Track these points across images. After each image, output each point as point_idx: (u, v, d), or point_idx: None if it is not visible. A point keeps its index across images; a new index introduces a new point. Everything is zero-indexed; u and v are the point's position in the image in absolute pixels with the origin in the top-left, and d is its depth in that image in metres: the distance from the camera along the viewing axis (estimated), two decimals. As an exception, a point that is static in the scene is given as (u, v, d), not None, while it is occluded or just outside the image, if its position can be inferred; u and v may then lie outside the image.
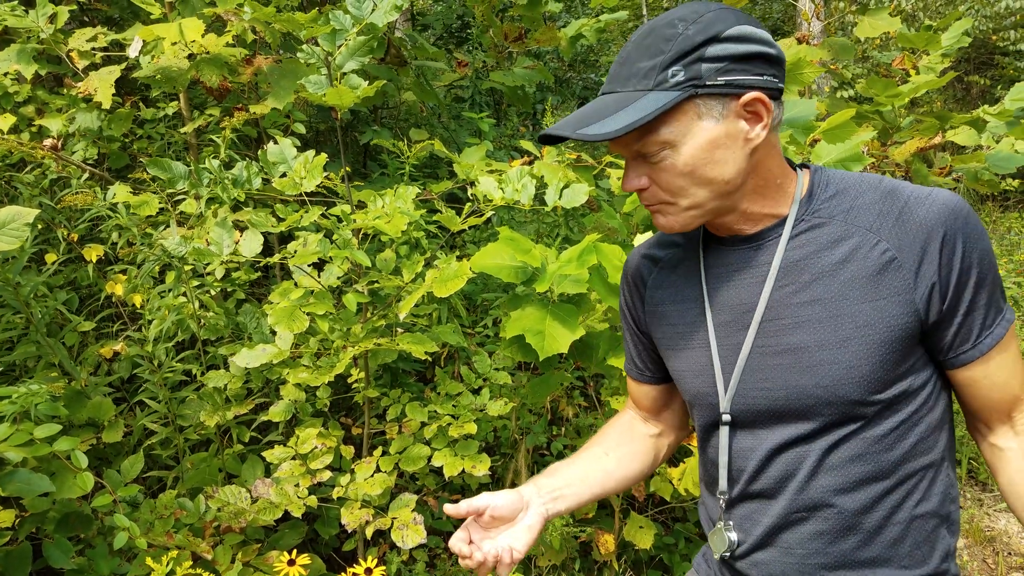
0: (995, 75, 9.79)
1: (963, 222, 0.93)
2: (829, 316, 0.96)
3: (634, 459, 1.27)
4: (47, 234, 2.51)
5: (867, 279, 0.94)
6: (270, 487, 1.94)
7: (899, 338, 0.94)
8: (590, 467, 1.22)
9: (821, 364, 0.96)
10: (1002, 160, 2.84)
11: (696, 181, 0.95)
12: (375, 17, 1.84)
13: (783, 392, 1.00)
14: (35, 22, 2.47)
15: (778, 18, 10.92)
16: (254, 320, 2.25)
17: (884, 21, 3.31)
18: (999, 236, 6.98)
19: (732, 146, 0.94)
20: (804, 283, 0.98)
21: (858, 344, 0.94)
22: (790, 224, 1.00)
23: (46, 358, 2.19)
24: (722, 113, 0.92)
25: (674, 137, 0.93)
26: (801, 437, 1.00)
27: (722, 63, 0.90)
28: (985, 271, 0.94)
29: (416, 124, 4.02)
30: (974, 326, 0.96)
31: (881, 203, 0.96)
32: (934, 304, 0.93)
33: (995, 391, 0.99)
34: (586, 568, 2.48)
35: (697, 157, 0.93)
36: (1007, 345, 0.98)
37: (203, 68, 2.04)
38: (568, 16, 7.49)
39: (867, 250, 0.95)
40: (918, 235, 0.93)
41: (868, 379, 0.95)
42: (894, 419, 0.97)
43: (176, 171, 1.80)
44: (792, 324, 0.99)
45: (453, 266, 1.80)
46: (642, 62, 0.92)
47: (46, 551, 1.66)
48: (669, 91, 0.90)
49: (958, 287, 0.93)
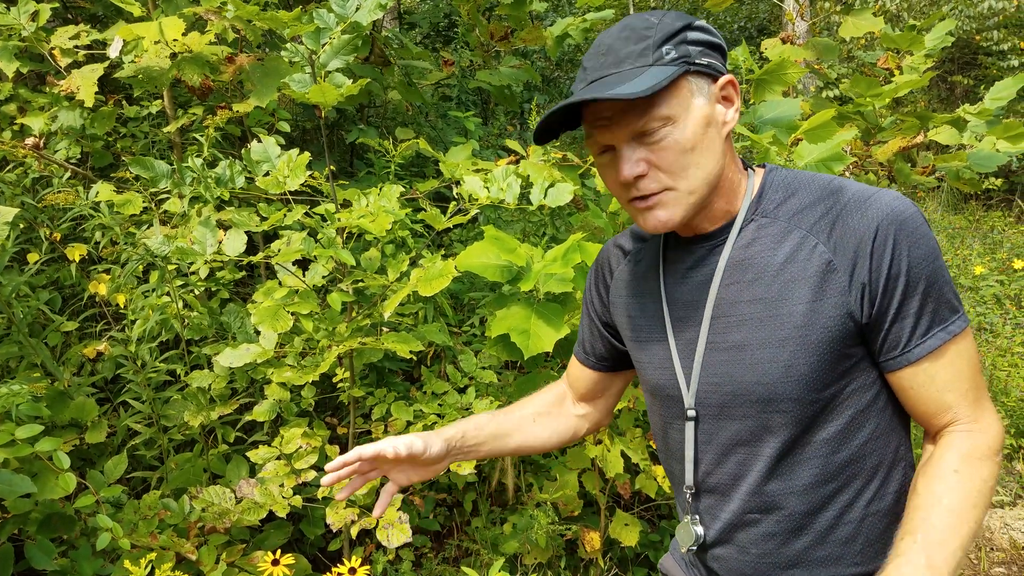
0: (979, 75, 9.88)
1: (897, 227, 0.92)
2: (769, 316, 0.98)
3: (554, 433, 1.32)
4: (29, 233, 2.49)
5: (806, 280, 0.95)
6: (254, 487, 1.94)
7: (836, 339, 0.95)
8: (516, 430, 1.28)
9: (761, 362, 0.98)
10: (983, 159, 2.87)
11: (695, 159, 0.96)
12: (359, 16, 1.84)
13: (730, 388, 1.02)
14: (17, 19, 2.45)
15: (764, 18, 10.97)
16: (238, 320, 2.24)
17: (868, 21, 3.34)
18: (982, 235, 7.04)
19: (717, 127, 0.97)
20: (748, 282, 1.00)
21: (796, 344, 0.96)
22: (739, 223, 1.02)
23: (28, 358, 2.17)
24: (708, 93, 0.96)
25: (674, 112, 0.94)
26: (749, 435, 1.02)
27: (700, 47, 0.95)
28: (917, 278, 0.92)
29: (403, 123, 4.01)
30: (903, 333, 0.94)
31: (824, 204, 0.97)
32: (865, 307, 0.94)
33: (921, 404, 0.98)
34: (572, 566, 2.49)
35: (696, 132, 0.95)
36: (944, 358, 0.95)
37: (185, 67, 2.03)
38: (554, 15, 7.49)
39: (807, 252, 0.96)
40: (852, 238, 0.93)
41: (807, 378, 0.96)
42: (839, 420, 0.98)
43: (159, 170, 1.79)
44: (736, 322, 1.01)
45: (438, 265, 1.80)
46: (629, 47, 0.94)
47: (28, 552, 1.65)
48: (667, 66, 0.92)
49: (886, 292, 0.93)
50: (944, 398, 0.96)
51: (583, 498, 2.50)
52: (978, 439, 0.95)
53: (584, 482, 2.41)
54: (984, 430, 0.96)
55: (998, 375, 4.02)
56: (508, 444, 1.26)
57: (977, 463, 0.94)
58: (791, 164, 2.23)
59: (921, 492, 0.94)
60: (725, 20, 11.08)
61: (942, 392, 0.96)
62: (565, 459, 2.43)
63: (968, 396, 0.96)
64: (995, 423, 0.97)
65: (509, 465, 2.49)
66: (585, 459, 2.38)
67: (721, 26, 11.00)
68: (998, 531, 3.20)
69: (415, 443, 1.11)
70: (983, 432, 0.96)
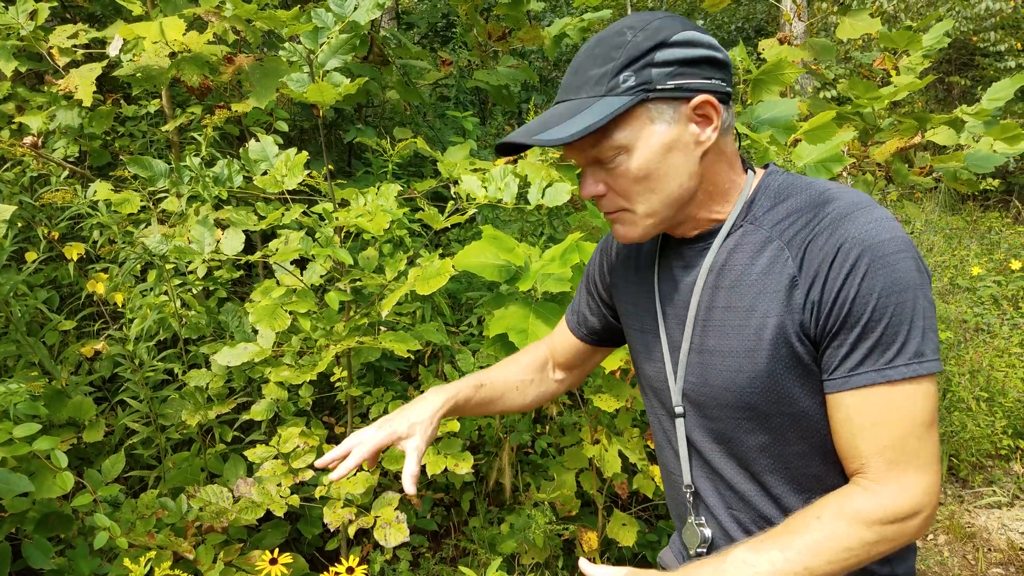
0: (976, 76, 9.90)
1: (860, 251, 0.87)
2: (739, 325, 0.97)
3: (535, 399, 1.36)
4: (27, 232, 2.49)
5: (775, 293, 0.94)
6: (252, 486, 1.94)
7: (799, 356, 0.93)
8: (501, 398, 1.31)
9: (729, 370, 0.99)
10: (981, 160, 2.88)
11: (650, 185, 0.96)
12: (357, 15, 1.84)
13: (705, 389, 1.03)
14: (15, 18, 2.45)
15: (761, 19, 10.99)
16: (236, 319, 2.24)
17: (865, 22, 3.34)
18: (979, 235, 7.05)
19: (684, 150, 0.95)
20: (726, 288, 1.00)
21: (761, 357, 0.95)
22: (726, 228, 1.01)
23: (26, 357, 2.17)
24: (673, 117, 0.94)
25: (628, 141, 0.94)
26: (723, 437, 1.03)
27: (671, 67, 0.92)
28: (863, 308, 0.87)
29: (401, 123, 4.01)
30: (833, 360, 0.90)
31: (806, 216, 0.94)
32: (811, 326, 0.91)
33: (836, 439, 0.93)
34: (569, 566, 2.49)
35: (651, 161, 0.94)
36: (869, 402, 0.88)
37: (184, 67, 2.03)
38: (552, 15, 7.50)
39: (781, 264, 0.94)
40: (818, 256, 0.90)
41: (770, 391, 0.96)
42: (813, 436, 0.97)
43: (157, 169, 1.79)
44: (713, 327, 1.01)
45: (436, 264, 1.81)
46: (593, 70, 0.94)
47: (25, 551, 1.65)
48: (621, 96, 0.92)
49: (830, 315, 0.89)
50: (856, 443, 0.90)
51: (580, 498, 2.51)
52: (867, 503, 0.88)
53: (582, 482, 2.41)
54: (881, 495, 0.88)
55: (995, 376, 4.03)
56: (491, 409, 1.30)
57: (848, 524, 0.87)
58: (789, 164, 2.24)
59: (787, 521, 0.92)
60: (723, 20, 11.09)
61: (855, 436, 0.90)
62: (563, 459, 2.43)
63: (885, 454, 0.88)
64: (904, 495, 0.87)
65: (507, 465, 2.49)
66: (583, 459, 2.38)
67: (719, 26, 11.01)
68: (996, 532, 3.21)
69: (397, 428, 1.13)
70: (878, 497, 0.88)
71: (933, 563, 3.05)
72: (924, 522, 0.88)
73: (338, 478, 1.11)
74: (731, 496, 1.06)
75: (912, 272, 0.87)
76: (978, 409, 3.80)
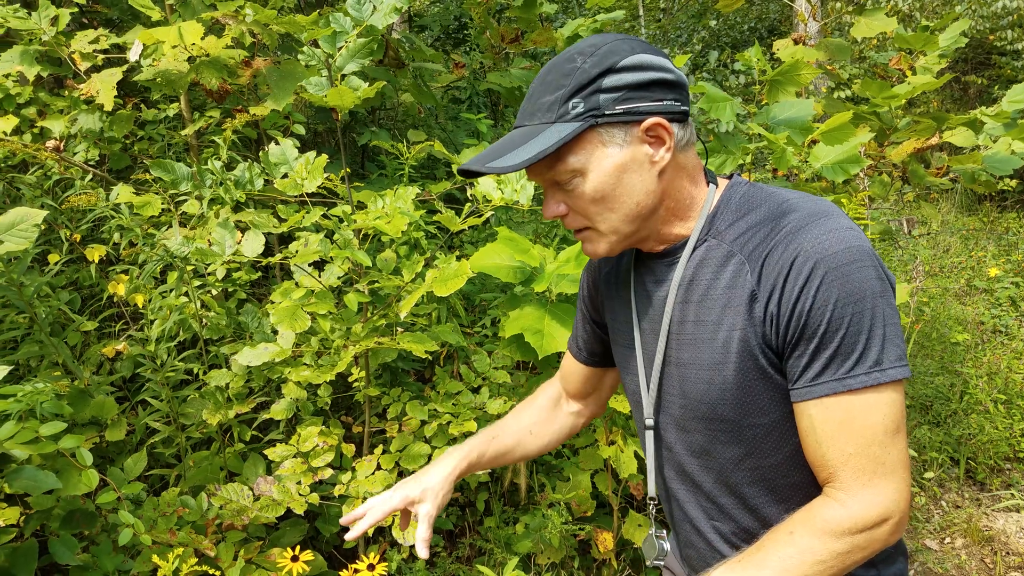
0: (992, 75, 9.81)
1: (815, 262, 0.88)
2: (707, 339, 0.99)
3: (553, 438, 1.37)
4: (49, 235, 2.52)
5: (738, 307, 0.95)
6: (272, 485, 1.96)
7: (764, 368, 0.94)
8: (516, 446, 1.32)
9: (700, 382, 1.00)
10: (999, 161, 2.86)
11: (608, 205, 0.98)
12: (375, 19, 1.86)
13: (682, 401, 1.05)
14: (38, 24, 2.49)
15: (775, 19, 10.95)
16: (256, 320, 2.26)
17: (880, 21, 3.34)
18: (996, 236, 7.00)
19: (639, 170, 0.97)
20: (694, 302, 1.01)
21: (728, 370, 0.97)
22: (692, 243, 1.03)
23: (49, 357, 2.20)
24: (625, 139, 0.95)
25: (581, 165, 0.96)
26: (700, 449, 1.05)
27: (619, 92, 0.94)
28: (819, 319, 0.88)
29: (413, 125, 4.04)
30: (796, 370, 0.92)
31: (764, 230, 0.95)
32: (773, 338, 0.93)
33: (805, 448, 0.94)
34: (585, 566, 2.49)
35: (605, 183, 0.96)
36: (832, 411, 0.89)
37: (203, 71, 2.06)
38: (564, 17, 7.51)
39: (742, 279, 0.95)
40: (774, 268, 0.91)
41: (741, 403, 0.97)
42: (786, 446, 0.98)
43: (179, 172, 1.82)
44: (684, 341, 1.03)
45: (453, 265, 1.82)
46: (545, 97, 0.96)
47: (52, 547, 1.68)
48: (571, 122, 0.94)
49: (788, 326, 0.90)
50: (823, 452, 0.91)
51: (595, 499, 2.51)
52: (835, 513, 0.89)
53: (597, 483, 2.42)
54: (848, 505, 0.89)
55: (1013, 378, 4.00)
56: (508, 459, 1.32)
57: (819, 536, 0.89)
58: (807, 166, 2.24)
59: (761, 540, 0.93)
60: (735, 21, 11.06)
61: (821, 445, 0.91)
62: (578, 460, 2.44)
63: (852, 462, 0.89)
64: (871, 503, 0.88)
65: (522, 466, 2.50)
66: (598, 460, 2.39)
67: (731, 27, 10.98)
68: (1014, 535, 3.18)
69: (410, 493, 1.18)
70: (845, 507, 0.89)
71: (951, 566, 3.03)
72: (894, 528, 0.89)
73: (352, 539, 1.17)
74: (712, 508, 1.08)
75: (870, 280, 0.87)
76: (996, 412, 3.77)
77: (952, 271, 5.97)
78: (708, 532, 1.10)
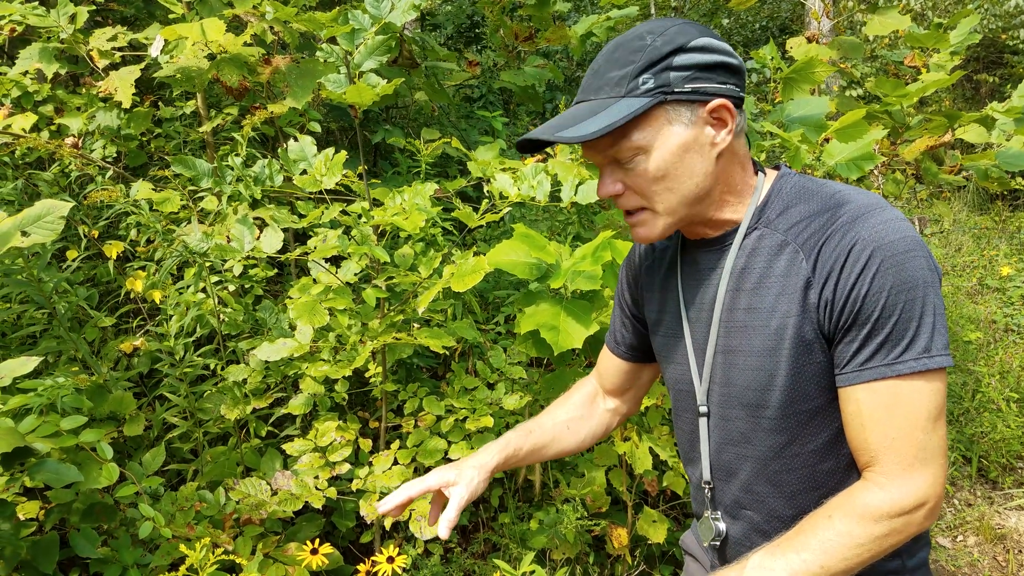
0: (1005, 74, 9.75)
1: (873, 250, 0.90)
2: (760, 325, 1.00)
3: (589, 434, 1.36)
4: (68, 231, 2.54)
5: (792, 294, 0.97)
6: (290, 479, 1.97)
7: (815, 354, 0.96)
8: (553, 441, 1.31)
9: (750, 369, 1.02)
10: (1012, 158, 2.85)
11: (668, 184, 0.99)
12: (393, 16, 1.87)
13: (726, 389, 1.06)
14: (56, 21, 2.51)
15: (787, 17, 10.91)
16: (273, 315, 2.28)
17: (893, 19, 3.33)
18: (1008, 235, 6.96)
19: (700, 151, 0.98)
20: (747, 290, 1.02)
21: (780, 357, 0.98)
22: (742, 231, 1.04)
23: (68, 353, 2.22)
24: (690, 119, 0.97)
25: (646, 142, 0.97)
26: (740, 436, 1.06)
27: (689, 71, 0.95)
28: (874, 305, 0.89)
29: (426, 124, 4.05)
30: (845, 355, 0.93)
31: (820, 220, 0.97)
32: (826, 324, 0.94)
33: (849, 433, 0.96)
34: (599, 562, 2.50)
35: (668, 161, 0.97)
36: (879, 396, 0.91)
37: (224, 68, 2.07)
38: (577, 15, 7.50)
39: (797, 267, 0.97)
40: (831, 256, 0.93)
41: (789, 390, 0.99)
42: (826, 431, 1.00)
43: (200, 168, 1.83)
44: (736, 328, 1.04)
45: (471, 261, 1.83)
46: (612, 72, 0.97)
47: (72, 541, 1.69)
48: (640, 97, 0.95)
49: (842, 312, 0.92)
50: (867, 437, 0.92)
51: (610, 495, 2.52)
52: (874, 497, 0.90)
53: (611, 479, 2.42)
54: (888, 489, 0.90)
55: (1026, 376, 3.98)
56: (545, 454, 1.31)
57: (858, 520, 0.90)
58: (821, 163, 2.24)
59: (800, 524, 0.94)
60: (747, 19, 11.03)
61: (865, 428, 0.92)
62: (592, 455, 2.44)
63: (895, 447, 0.90)
64: (910, 487, 0.90)
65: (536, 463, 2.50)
66: (612, 455, 2.39)
67: (743, 25, 10.95)
68: (1026, 533, 3.17)
69: (446, 474, 1.17)
70: (885, 491, 0.90)
71: (964, 564, 3.02)
72: (929, 513, 0.91)
73: (384, 511, 1.16)
74: (746, 497, 1.08)
75: (922, 271, 0.89)
76: (1008, 410, 3.76)
77: (964, 270, 5.94)
78: (742, 519, 1.10)
